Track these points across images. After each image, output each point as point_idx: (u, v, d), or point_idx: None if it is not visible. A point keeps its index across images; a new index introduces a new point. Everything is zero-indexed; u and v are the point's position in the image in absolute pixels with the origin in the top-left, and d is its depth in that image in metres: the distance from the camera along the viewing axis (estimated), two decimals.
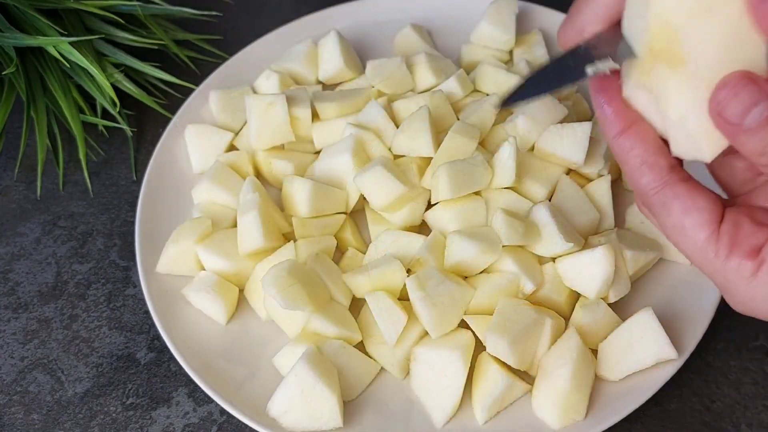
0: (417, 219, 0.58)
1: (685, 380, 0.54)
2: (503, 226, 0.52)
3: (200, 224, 0.58)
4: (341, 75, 0.68)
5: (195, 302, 0.56)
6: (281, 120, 0.61)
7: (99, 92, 0.67)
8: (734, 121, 0.35)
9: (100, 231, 0.65)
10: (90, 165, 0.69)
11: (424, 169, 0.59)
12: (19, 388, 0.57)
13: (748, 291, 0.38)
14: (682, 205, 0.39)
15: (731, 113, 0.34)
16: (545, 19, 0.72)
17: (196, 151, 0.65)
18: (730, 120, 0.35)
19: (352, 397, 0.52)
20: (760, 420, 0.52)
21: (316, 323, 0.52)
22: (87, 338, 0.59)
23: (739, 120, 0.34)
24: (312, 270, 0.54)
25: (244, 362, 0.54)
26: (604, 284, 0.51)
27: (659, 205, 0.40)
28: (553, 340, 0.51)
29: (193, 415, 0.55)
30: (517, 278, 0.52)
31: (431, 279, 0.51)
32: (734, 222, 0.38)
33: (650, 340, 0.49)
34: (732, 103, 0.34)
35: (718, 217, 0.38)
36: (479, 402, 0.50)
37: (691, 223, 0.39)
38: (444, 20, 0.74)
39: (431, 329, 0.50)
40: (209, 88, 0.68)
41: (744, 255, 0.37)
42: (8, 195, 0.69)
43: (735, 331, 0.56)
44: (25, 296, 0.62)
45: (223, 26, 0.80)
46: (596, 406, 0.50)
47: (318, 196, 0.58)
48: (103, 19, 0.70)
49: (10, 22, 0.65)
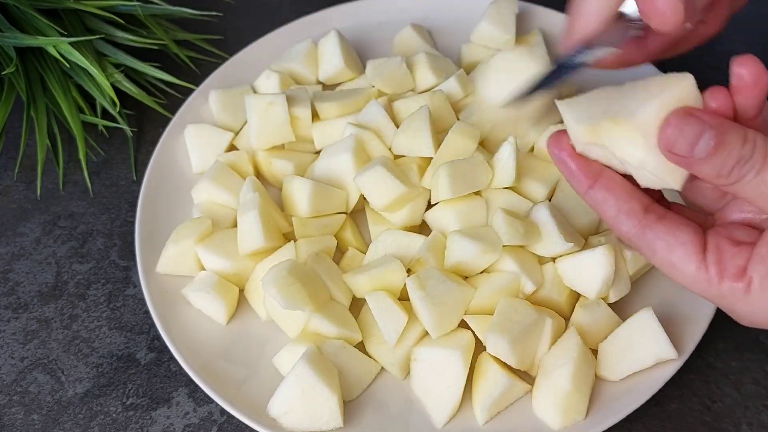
0: (417, 219, 0.58)
1: (685, 380, 0.54)
2: (503, 226, 0.52)
3: (200, 224, 0.58)
4: (341, 75, 0.68)
5: (195, 302, 0.56)
6: (281, 120, 0.61)
7: (99, 92, 0.67)
8: (685, 154, 0.37)
9: (100, 231, 0.65)
10: (90, 165, 0.69)
11: (425, 169, 0.59)
12: (19, 388, 0.57)
13: (746, 308, 0.40)
14: (665, 244, 0.40)
15: (680, 149, 0.37)
16: (545, 19, 0.72)
17: (196, 151, 0.65)
18: (682, 154, 0.37)
19: (352, 397, 0.52)
20: (760, 420, 0.52)
21: (316, 323, 0.52)
22: (87, 338, 0.59)
23: (689, 153, 0.37)
24: (312, 270, 0.54)
25: (244, 362, 0.54)
26: (605, 284, 0.51)
27: (644, 247, 0.41)
28: (554, 340, 0.51)
29: (193, 416, 0.55)
30: (517, 278, 0.52)
31: (431, 279, 0.51)
32: (716, 248, 0.40)
33: (650, 340, 0.49)
34: (679, 140, 0.37)
35: (701, 247, 0.40)
36: (479, 402, 0.50)
37: (678, 259, 0.40)
38: (444, 20, 0.74)
39: (431, 329, 0.50)
40: (209, 88, 0.68)
41: (732, 278, 0.39)
42: (8, 195, 0.69)
43: (735, 331, 0.56)
44: (25, 296, 0.62)
45: (223, 26, 0.80)
46: (596, 406, 0.50)
47: (318, 196, 0.58)
48: (103, 19, 0.70)
49: (10, 22, 0.65)
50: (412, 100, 0.62)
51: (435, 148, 0.57)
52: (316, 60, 0.69)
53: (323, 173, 0.60)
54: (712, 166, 0.37)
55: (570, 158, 0.42)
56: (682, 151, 0.37)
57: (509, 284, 0.52)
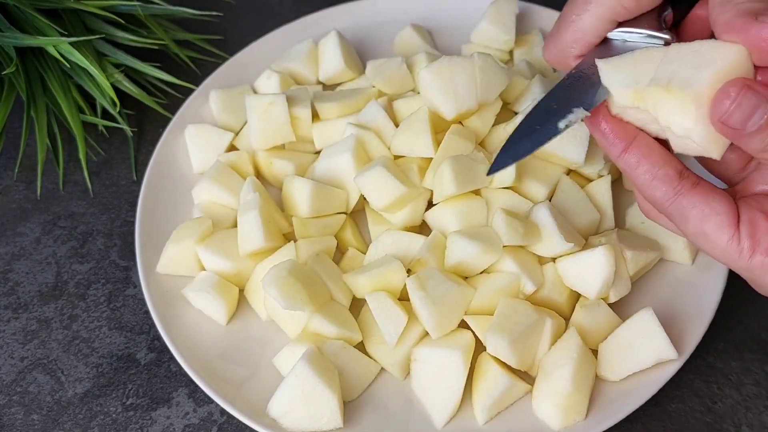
0: (417, 219, 0.58)
1: (685, 381, 0.54)
2: (503, 226, 0.52)
3: (200, 224, 0.58)
4: (341, 75, 0.68)
5: (195, 302, 0.56)
6: (281, 120, 0.61)
7: (99, 92, 0.67)
8: (738, 127, 0.36)
9: (100, 231, 0.65)
10: (90, 165, 0.69)
11: (425, 170, 0.59)
12: (19, 388, 0.57)
13: None
14: (699, 213, 0.40)
15: (734, 121, 0.36)
16: (545, 19, 0.72)
17: (196, 151, 0.65)
18: (734, 127, 0.36)
19: (353, 397, 0.52)
20: (761, 421, 0.52)
21: (316, 323, 0.52)
22: (87, 338, 0.59)
23: (742, 126, 0.36)
24: (312, 270, 0.54)
25: (244, 362, 0.54)
26: (605, 284, 0.51)
27: (677, 215, 0.40)
28: (554, 341, 0.51)
29: (193, 416, 0.55)
30: (517, 278, 0.52)
31: (431, 279, 0.51)
32: (750, 222, 0.39)
33: (650, 340, 0.49)
34: (735, 113, 0.36)
35: (735, 219, 0.39)
36: (479, 402, 0.50)
37: (711, 228, 0.39)
38: (444, 20, 0.74)
39: (431, 329, 0.50)
40: (209, 88, 0.68)
41: (765, 252, 0.39)
42: (8, 195, 0.68)
43: (736, 332, 0.56)
44: (25, 296, 0.62)
45: (223, 26, 0.80)
46: (597, 406, 0.50)
47: (318, 196, 0.58)
48: (104, 19, 0.70)
49: (10, 22, 0.65)
50: (412, 100, 0.62)
51: (435, 148, 0.57)
52: (317, 60, 0.69)
53: (323, 173, 0.60)
54: (760, 140, 0.37)
55: (604, 119, 0.41)
56: (737, 124, 0.36)
57: (509, 284, 0.52)
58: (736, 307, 0.57)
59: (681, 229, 0.41)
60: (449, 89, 0.57)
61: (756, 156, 0.38)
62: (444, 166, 0.55)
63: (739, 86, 0.36)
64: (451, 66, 0.57)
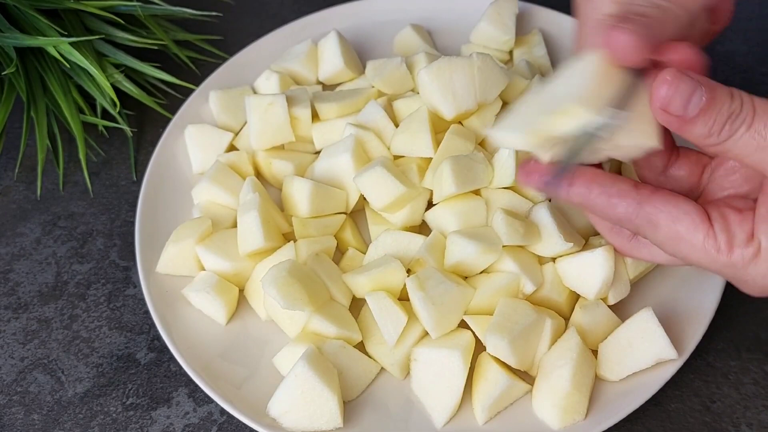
0: (417, 219, 0.58)
1: (685, 380, 0.54)
2: (503, 226, 0.52)
3: (200, 224, 0.58)
4: (341, 75, 0.68)
5: (195, 302, 0.56)
6: (281, 120, 0.61)
7: (99, 92, 0.67)
8: (678, 113, 0.37)
9: (100, 231, 0.65)
10: (90, 165, 0.69)
11: (424, 170, 0.59)
12: (19, 388, 0.57)
13: (755, 272, 0.39)
14: (668, 216, 0.39)
15: (676, 107, 0.37)
16: (545, 20, 0.72)
17: (196, 151, 0.65)
18: (676, 113, 0.37)
19: (352, 397, 0.52)
20: (760, 420, 0.52)
21: (316, 323, 0.52)
22: (87, 338, 0.59)
23: (682, 111, 0.37)
24: (312, 270, 0.54)
25: (244, 362, 0.54)
26: (604, 285, 0.51)
27: (645, 223, 0.40)
28: (553, 341, 0.51)
29: (193, 416, 0.55)
30: (517, 278, 0.52)
31: (431, 279, 0.51)
32: (721, 217, 0.39)
33: (650, 340, 0.49)
34: (674, 98, 0.37)
35: (705, 216, 0.39)
36: (479, 402, 0.50)
37: (684, 229, 0.39)
38: (444, 20, 0.74)
39: (431, 329, 0.50)
40: (209, 88, 0.68)
41: (742, 244, 0.38)
42: (8, 195, 0.69)
43: (735, 332, 0.56)
44: (25, 296, 0.62)
45: (223, 26, 0.80)
46: (596, 406, 0.50)
47: (318, 196, 0.58)
48: (103, 19, 0.70)
49: (10, 22, 0.65)
50: (411, 100, 0.62)
51: (434, 148, 0.57)
52: (316, 60, 0.69)
53: (323, 173, 0.60)
54: (703, 124, 0.37)
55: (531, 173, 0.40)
56: (677, 110, 0.37)
57: (509, 284, 0.52)
58: (735, 307, 0.57)
59: (653, 238, 0.40)
60: (448, 89, 0.57)
61: (702, 147, 0.38)
62: (444, 166, 0.55)
63: (673, 73, 0.37)
64: (450, 66, 0.57)
